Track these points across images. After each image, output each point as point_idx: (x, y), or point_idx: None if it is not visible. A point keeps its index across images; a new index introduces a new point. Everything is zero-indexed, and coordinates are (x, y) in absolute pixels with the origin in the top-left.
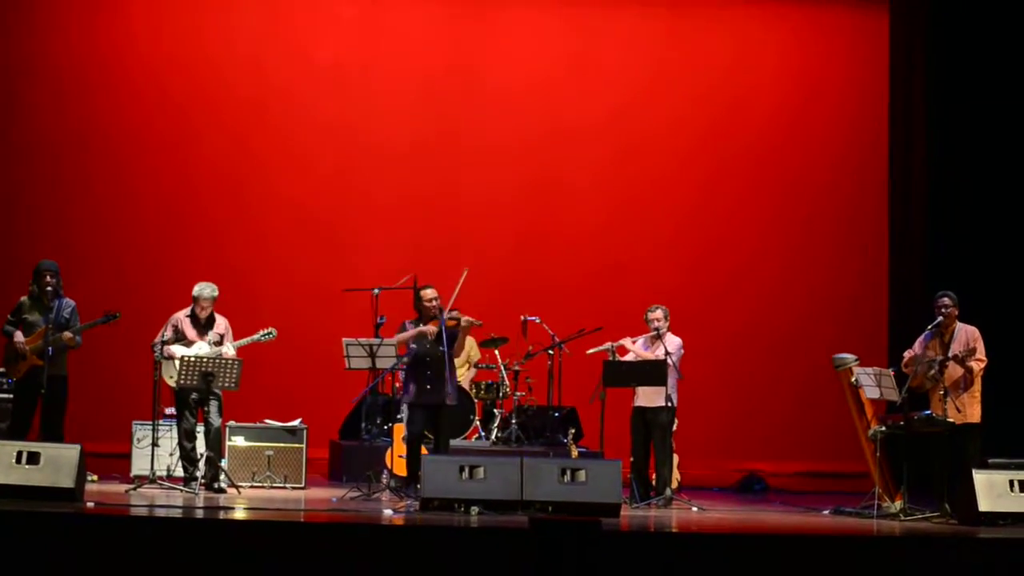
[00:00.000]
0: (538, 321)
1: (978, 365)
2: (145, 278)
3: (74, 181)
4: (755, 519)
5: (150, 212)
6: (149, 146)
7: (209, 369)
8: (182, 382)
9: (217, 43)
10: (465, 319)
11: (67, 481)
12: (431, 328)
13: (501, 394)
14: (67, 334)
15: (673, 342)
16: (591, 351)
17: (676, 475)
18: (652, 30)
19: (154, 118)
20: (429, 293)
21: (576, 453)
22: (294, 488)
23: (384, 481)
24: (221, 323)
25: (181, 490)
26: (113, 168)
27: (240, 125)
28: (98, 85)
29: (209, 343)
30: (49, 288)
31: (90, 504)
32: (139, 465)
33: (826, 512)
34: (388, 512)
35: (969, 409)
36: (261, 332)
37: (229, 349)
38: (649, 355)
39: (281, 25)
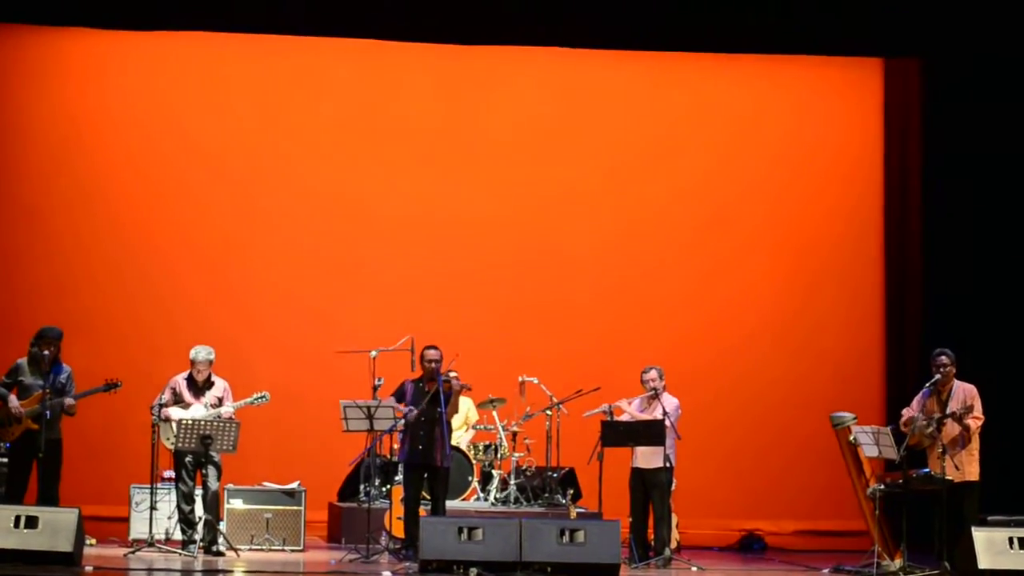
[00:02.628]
0: (536, 382)
1: (975, 423)
2: (143, 342)
3: (71, 247)
4: None
5: (148, 276)
6: (146, 210)
7: (207, 432)
8: (180, 445)
9: (208, 111)
10: (456, 383)
11: (66, 545)
12: (402, 409)
13: (499, 455)
14: (68, 400)
15: (671, 403)
16: (588, 414)
17: (675, 535)
18: (649, 95)
19: (149, 184)
20: (430, 354)
21: (575, 514)
22: (293, 551)
23: (383, 543)
24: (220, 385)
25: (180, 553)
26: (111, 233)
27: (238, 188)
28: (98, 147)
29: (206, 406)
30: (47, 352)
31: (89, 568)
32: (137, 529)
33: (826, 571)
34: (387, 574)
35: (967, 467)
36: (254, 395)
37: (229, 410)
38: (645, 417)
39: (278, 88)
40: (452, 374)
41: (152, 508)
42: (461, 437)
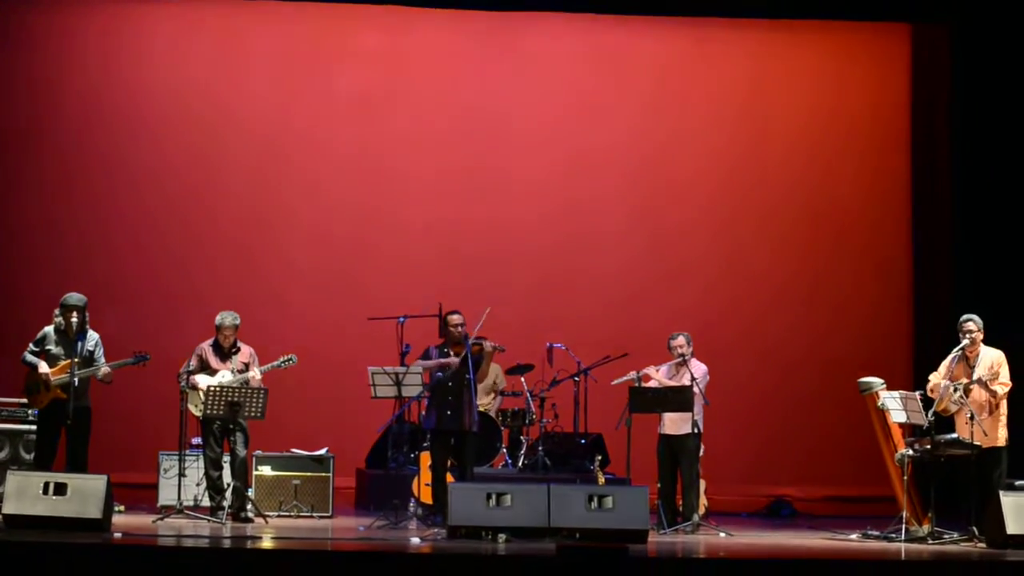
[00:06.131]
0: (563, 348)
1: (1002, 388)
2: (170, 309)
3: (98, 214)
4: (783, 544)
5: (174, 244)
6: (172, 177)
7: (235, 399)
8: (208, 412)
9: (238, 73)
10: (489, 344)
11: (94, 512)
12: (453, 360)
13: (527, 421)
14: (105, 369)
15: (699, 369)
16: (616, 382)
17: (703, 501)
18: (676, 60)
19: (176, 150)
20: (455, 319)
21: (603, 479)
22: (321, 517)
23: (411, 509)
24: (246, 351)
25: (208, 520)
26: (137, 201)
27: (262, 155)
28: (123, 118)
29: (233, 371)
30: (75, 319)
31: (117, 535)
32: (166, 495)
33: (854, 536)
34: (415, 540)
35: (994, 432)
36: (281, 358)
37: (257, 374)
38: (674, 383)
39: (302, 55)
40: (479, 338)
41: (180, 475)
42: (490, 403)
